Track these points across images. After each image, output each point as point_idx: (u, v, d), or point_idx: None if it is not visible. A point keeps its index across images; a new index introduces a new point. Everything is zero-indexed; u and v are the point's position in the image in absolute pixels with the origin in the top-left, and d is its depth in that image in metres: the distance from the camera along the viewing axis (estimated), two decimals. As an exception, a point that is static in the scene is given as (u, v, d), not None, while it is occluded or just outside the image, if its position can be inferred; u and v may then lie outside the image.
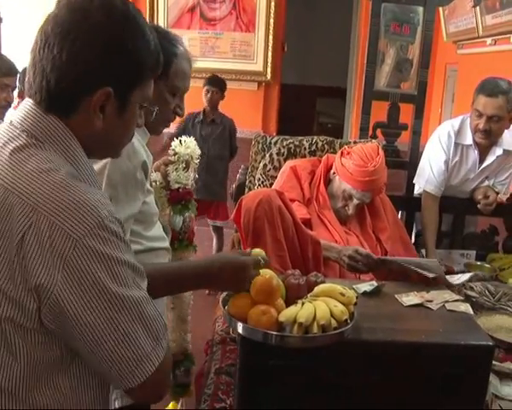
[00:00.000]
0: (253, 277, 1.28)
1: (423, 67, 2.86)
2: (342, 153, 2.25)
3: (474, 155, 2.73)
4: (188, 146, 2.27)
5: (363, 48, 4.58)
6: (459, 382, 1.35)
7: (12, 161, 0.91)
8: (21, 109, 0.97)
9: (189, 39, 4.76)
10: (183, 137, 2.29)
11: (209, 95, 4.07)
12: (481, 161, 2.75)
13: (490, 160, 2.73)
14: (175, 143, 2.26)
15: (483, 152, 2.73)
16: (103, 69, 0.94)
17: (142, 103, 1.03)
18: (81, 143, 0.97)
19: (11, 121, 0.96)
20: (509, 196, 2.82)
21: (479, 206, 2.71)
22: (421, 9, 2.84)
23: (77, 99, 0.95)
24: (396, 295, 1.59)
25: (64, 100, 0.95)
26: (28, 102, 0.97)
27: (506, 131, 2.67)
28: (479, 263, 2.59)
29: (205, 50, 4.79)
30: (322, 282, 1.42)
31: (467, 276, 2.08)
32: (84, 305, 0.87)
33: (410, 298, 1.58)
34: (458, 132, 2.71)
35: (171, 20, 4.91)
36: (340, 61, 6.86)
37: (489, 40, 4.14)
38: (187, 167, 2.27)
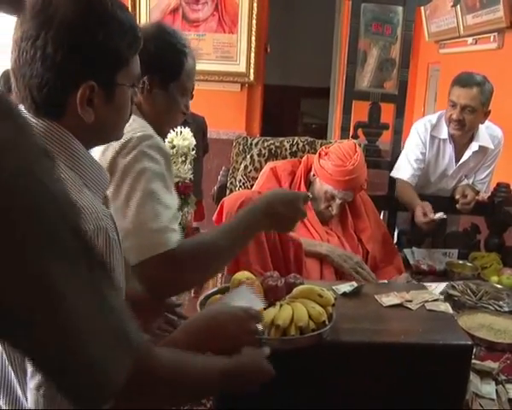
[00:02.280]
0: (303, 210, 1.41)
1: (404, 67, 2.87)
2: (320, 154, 2.24)
3: (449, 149, 2.74)
4: (185, 137, 2.18)
5: (346, 48, 4.58)
6: (439, 381, 1.35)
7: None
8: None
9: (172, 41, 4.72)
10: (179, 128, 2.21)
11: None
12: (459, 157, 2.76)
13: (467, 155, 2.74)
14: (171, 135, 2.16)
15: (460, 148, 2.75)
16: (78, 66, 0.92)
17: (131, 83, 1.03)
18: (78, 138, 0.96)
19: None
20: (490, 194, 2.83)
21: (457, 205, 2.71)
22: (400, 9, 2.84)
23: (61, 101, 0.94)
24: (376, 296, 1.58)
25: (50, 104, 0.94)
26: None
27: (482, 127, 2.68)
28: (461, 262, 2.59)
29: (187, 52, 4.75)
30: (301, 283, 1.41)
31: (441, 287, 2.10)
32: None
33: (389, 298, 1.57)
34: (435, 126, 2.74)
35: (154, 22, 4.87)
36: (323, 61, 6.87)
37: (470, 40, 4.16)
38: (185, 160, 2.20)
